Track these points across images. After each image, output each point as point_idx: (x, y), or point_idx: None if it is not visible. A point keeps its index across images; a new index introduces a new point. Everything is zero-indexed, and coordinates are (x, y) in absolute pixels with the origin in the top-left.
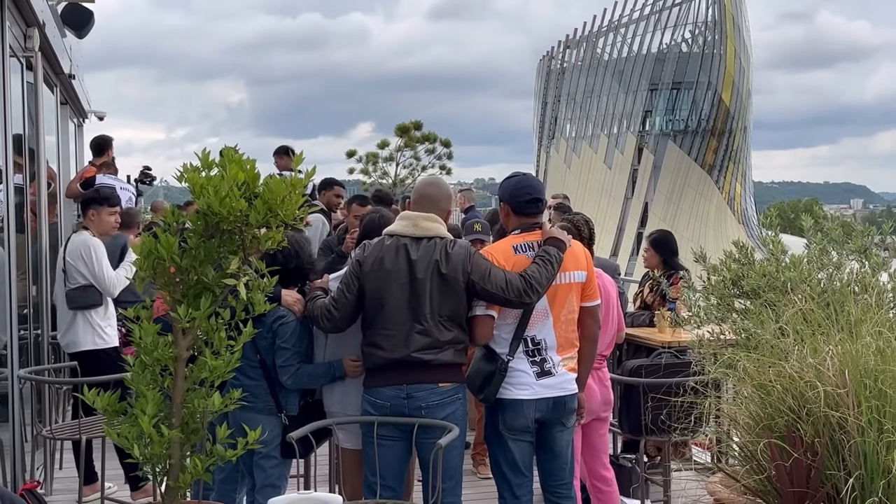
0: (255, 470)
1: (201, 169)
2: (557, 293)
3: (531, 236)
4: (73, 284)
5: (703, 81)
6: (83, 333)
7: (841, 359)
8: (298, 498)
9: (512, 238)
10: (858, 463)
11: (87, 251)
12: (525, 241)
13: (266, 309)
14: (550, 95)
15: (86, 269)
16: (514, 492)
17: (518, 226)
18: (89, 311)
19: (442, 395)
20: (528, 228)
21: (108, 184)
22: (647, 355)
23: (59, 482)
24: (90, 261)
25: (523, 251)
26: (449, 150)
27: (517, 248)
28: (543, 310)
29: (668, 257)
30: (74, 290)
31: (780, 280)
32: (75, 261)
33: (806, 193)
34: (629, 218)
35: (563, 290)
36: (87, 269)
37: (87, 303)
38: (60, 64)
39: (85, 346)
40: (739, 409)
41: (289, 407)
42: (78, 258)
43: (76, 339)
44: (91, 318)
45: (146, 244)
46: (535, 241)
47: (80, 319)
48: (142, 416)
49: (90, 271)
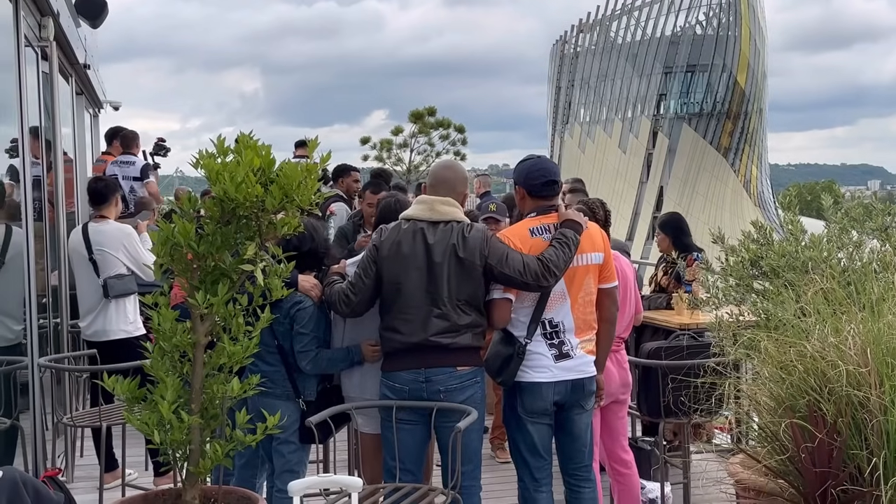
0: (274, 455)
1: (217, 155)
2: (575, 275)
3: (547, 219)
4: (110, 273)
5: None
6: (115, 322)
7: (863, 338)
8: (318, 481)
9: (528, 221)
10: (881, 442)
11: (129, 240)
12: (541, 224)
13: (283, 295)
14: (564, 80)
15: (127, 258)
16: (533, 475)
17: (534, 209)
18: (123, 299)
19: (460, 378)
20: (544, 211)
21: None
22: (665, 338)
23: (81, 469)
24: (133, 249)
25: (540, 234)
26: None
27: (533, 230)
28: (561, 292)
29: (678, 237)
30: (113, 278)
31: (799, 260)
32: (114, 250)
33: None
34: (644, 202)
35: (581, 273)
36: (128, 258)
37: (126, 290)
38: (75, 54)
39: (115, 335)
40: (760, 390)
41: (307, 392)
42: (119, 247)
43: (106, 327)
44: (123, 306)
45: (163, 231)
46: (552, 223)
47: (112, 308)
48: (161, 402)
49: (133, 259)
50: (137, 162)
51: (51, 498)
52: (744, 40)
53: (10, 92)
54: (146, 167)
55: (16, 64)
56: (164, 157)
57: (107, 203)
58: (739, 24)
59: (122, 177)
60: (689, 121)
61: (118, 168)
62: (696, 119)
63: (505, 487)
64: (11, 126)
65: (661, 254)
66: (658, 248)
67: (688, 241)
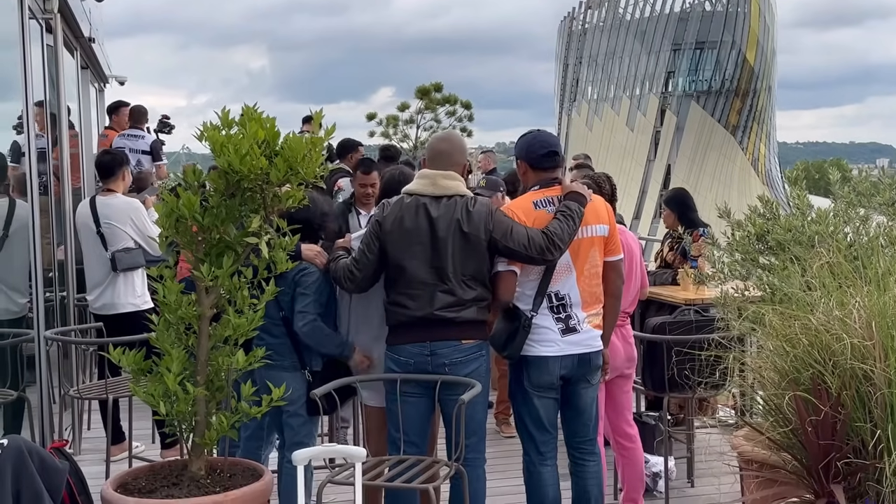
0: (284, 429)
1: (221, 128)
2: (580, 247)
3: (551, 191)
4: (118, 247)
5: (727, 41)
6: (124, 295)
7: (868, 311)
8: (321, 450)
9: (531, 194)
10: (885, 415)
11: (137, 214)
12: (545, 197)
13: (288, 268)
14: (572, 57)
15: (135, 231)
16: (538, 448)
17: (537, 182)
18: (131, 272)
19: (465, 352)
20: (548, 184)
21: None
22: (671, 313)
23: (88, 442)
24: (141, 223)
25: (543, 206)
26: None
27: (537, 203)
28: (566, 265)
29: (684, 213)
30: (120, 251)
31: (806, 234)
32: (122, 224)
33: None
34: (652, 180)
35: (586, 245)
36: (136, 232)
37: (134, 264)
38: (80, 27)
39: (123, 309)
40: (764, 364)
41: (313, 363)
42: (126, 221)
43: (115, 300)
44: (132, 279)
45: (168, 203)
46: (555, 195)
47: (121, 281)
48: (167, 374)
49: (141, 233)
50: (147, 137)
51: (55, 466)
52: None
53: (14, 65)
54: (158, 144)
55: (20, 37)
56: (169, 135)
57: (114, 176)
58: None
59: (129, 149)
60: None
61: (126, 140)
62: (704, 97)
63: (509, 462)
64: (16, 100)
65: (667, 230)
66: (664, 223)
67: (693, 216)
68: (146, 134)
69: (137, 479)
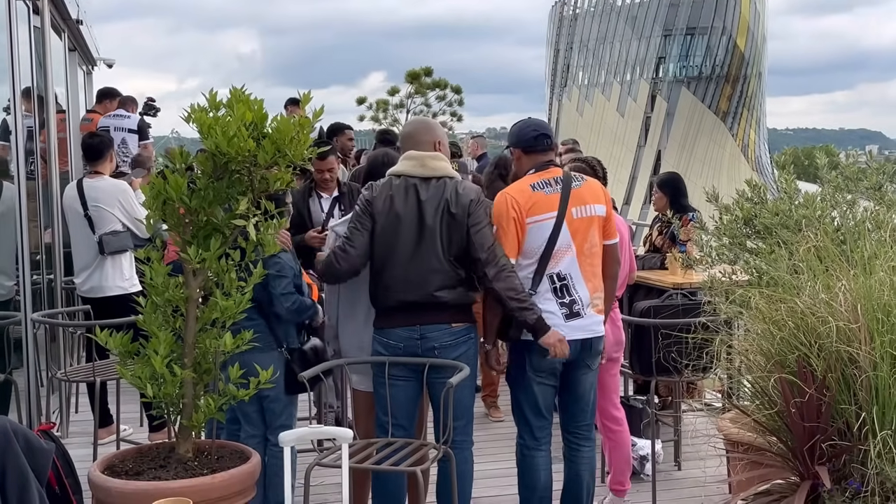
0: (266, 413)
1: (209, 109)
2: (580, 226)
3: (547, 174)
4: (105, 229)
5: (718, 26)
6: (112, 278)
7: (854, 294)
8: (308, 431)
9: (528, 178)
10: (870, 397)
11: (125, 196)
12: (542, 179)
13: (276, 250)
14: (563, 43)
15: (123, 214)
16: (534, 433)
17: (532, 166)
18: (119, 255)
19: (455, 335)
20: (543, 167)
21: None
22: (659, 297)
23: (75, 425)
24: (129, 205)
25: (541, 188)
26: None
27: (535, 185)
28: (567, 244)
29: (676, 198)
30: (108, 234)
31: (793, 218)
32: (110, 206)
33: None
34: (642, 166)
35: (585, 223)
36: (124, 214)
37: (122, 247)
38: (68, 9)
39: (111, 292)
40: (751, 347)
41: (289, 340)
42: (114, 204)
43: (102, 283)
44: (120, 262)
45: (155, 185)
46: (552, 177)
47: (108, 264)
48: (154, 356)
49: (129, 216)
50: (133, 117)
51: (42, 447)
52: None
53: (1, 47)
54: (144, 124)
55: (7, 18)
56: (154, 118)
57: (101, 159)
58: None
59: (114, 128)
60: (688, 84)
61: (111, 120)
62: (694, 82)
63: (497, 446)
64: (3, 82)
65: (657, 213)
66: (654, 207)
67: (684, 201)
68: (132, 114)
69: (124, 462)
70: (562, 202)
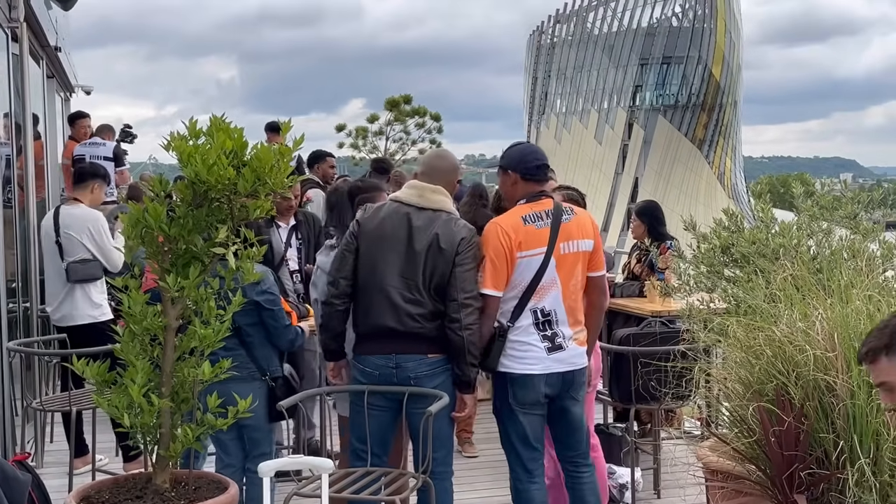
0: (247, 442)
1: (189, 138)
2: (566, 262)
3: (539, 206)
4: (73, 258)
5: (694, 56)
6: (81, 307)
7: (830, 323)
8: (288, 461)
9: (520, 208)
10: (848, 426)
11: (96, 225)
12: (534, 212)
13: (257, 278)
14: (541, 71)
15: (92, 243)
16: (525, 466)
17: (525, 195)
18: (88, 284)
19: (431, 365)
20: (535, 197)
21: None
22: (637, 325)
23: (50, 455)
24: (99, 235)
25: (532, 222)
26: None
27: (526, 218)
28: (552, 279)
29: (653, 226)
30: (76, 263)
31: (769, 247)
32: (79, 234)
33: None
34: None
35: (572, 259)
36: (93, 244)
37: (88, 276)
38: (46, 36)
39: (81, 321)
40: (729, 375)
41: (272, 368)
42: (83, 232)
43: (73, 312)
44: (88, 291)
45: (134, 213)
46: (544, 210)
47: (78, 293)
48: (131, 385)
49: (97, 245)
50: (108, 144)
51: (17, 477)
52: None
53: None
54: (120, 150)
55: None
56: (131, 144)
57: (83, 185)
58: (715, 16)
59: (89, 156)
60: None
61: (86, 149)
62: (671, 111)
63: (477, 475)
64: None
65: (635, 241)
66: (632, 234)
67: (662, 230)
68: (107, 141)
69: (101, 493)
70: (551, 237)
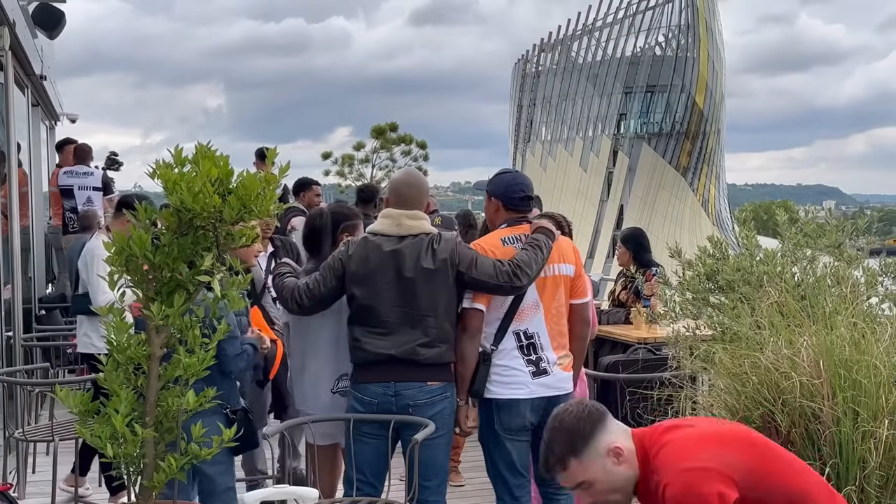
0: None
1: (174, 165)
2: (546, 285)
3: (518, 230)
4: (80, 290)
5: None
6: (92, 336)
7: (816, 350)
8: (274, 492)
9: (500, 231)
10: (834, 452)
11: (89, 257)
12: (513, 234)
13: (242, 306)
14: (526, 99)
15: (84, 276)
16: (512, 493)
17: (506, 220)
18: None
19: (430, 393)
20: (516, 223)
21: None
22: (624, 352)
23: (33, 485)
24: (86, 268)
25: (511, 243)
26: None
27: (505, 240)
28: (534, 302)
29: (639, 253)
30: (78, 296)
31: (754, 274)
32: (81, 266)
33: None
34: (605, 220)
35: (552, 283)
36: (85, 276)
37: (85, 309)
38: (31, 65)
39: (86, 349)
40: (716, 402)
41: (232, 401)
42: (82, 264)
43: (84, 340)
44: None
45: (118, 240)
46: (523, 233)
47: (87, 324)
48: (115, 415)
49: (87, 277)
50: (96, 173)
51: None
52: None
53: None
54: (108, 179)
55: None
56: (117, 172)
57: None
58: (698, 46)
59: (78, 187)
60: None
61: (75, 179)
62: (655, 138)
63: (462, 503)
64: None
65: (621, 268)
66: (618, 261)
67: (648, 256)
68: (95, 170)
69: None
70: None
